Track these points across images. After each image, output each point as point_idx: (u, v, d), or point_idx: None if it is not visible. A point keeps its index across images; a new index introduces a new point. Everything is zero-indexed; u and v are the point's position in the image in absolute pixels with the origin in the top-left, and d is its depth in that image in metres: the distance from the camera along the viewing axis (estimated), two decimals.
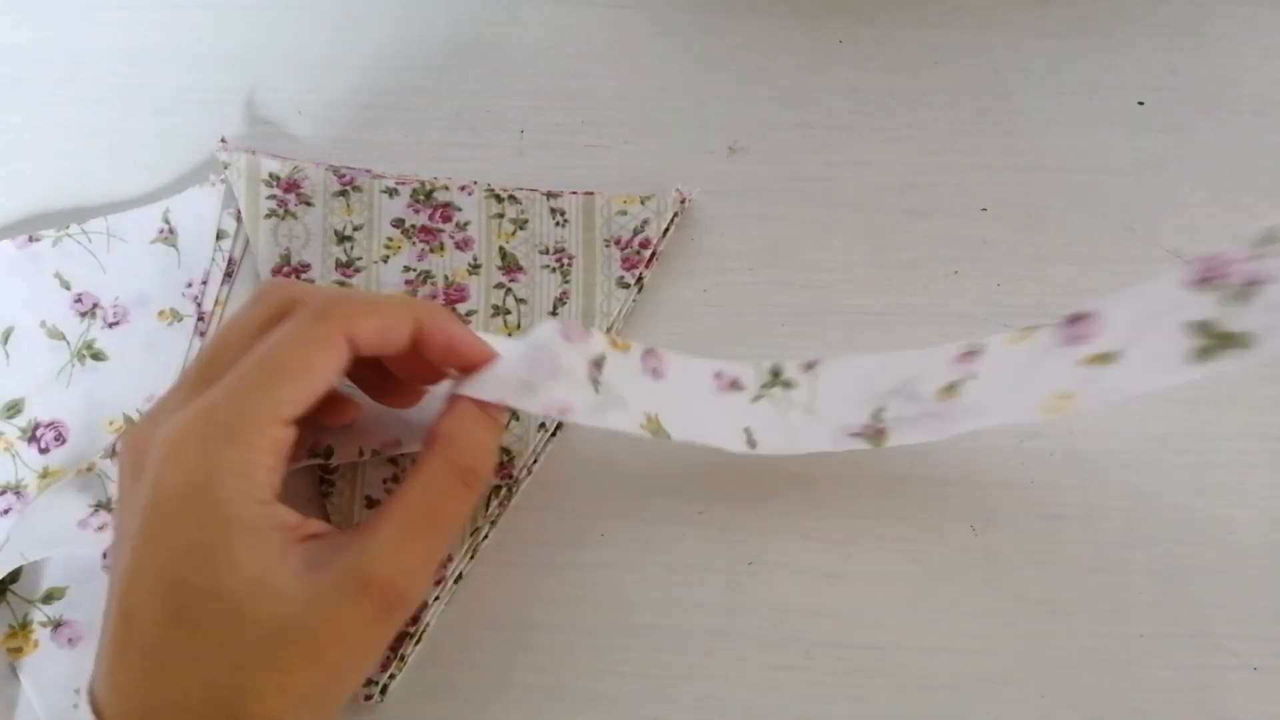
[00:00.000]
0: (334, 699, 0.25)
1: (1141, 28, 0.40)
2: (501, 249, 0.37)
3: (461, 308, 0.36)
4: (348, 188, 0.37)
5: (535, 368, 0.29)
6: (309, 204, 0.37)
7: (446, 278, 0.36)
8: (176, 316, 0.36)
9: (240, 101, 0.40)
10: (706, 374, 0.33)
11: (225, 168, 0.37)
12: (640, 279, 0.36)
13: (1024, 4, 0.41)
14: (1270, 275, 0.26)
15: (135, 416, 0.35)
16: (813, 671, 0.32)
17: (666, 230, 0.36)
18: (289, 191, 0.37)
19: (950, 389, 0.31)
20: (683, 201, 0.37)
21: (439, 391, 0.31)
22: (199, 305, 0.36)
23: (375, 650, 0.26)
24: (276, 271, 0.36)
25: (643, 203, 0.37)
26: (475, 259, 0.36)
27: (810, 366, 0.33)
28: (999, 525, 0.33)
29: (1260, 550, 0.33)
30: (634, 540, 0.34)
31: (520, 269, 0.36)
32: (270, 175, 0.37)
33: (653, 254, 0.36)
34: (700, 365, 0.33)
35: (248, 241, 0.37)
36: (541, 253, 0.36)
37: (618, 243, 0.36)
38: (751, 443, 0.32)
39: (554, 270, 0.36)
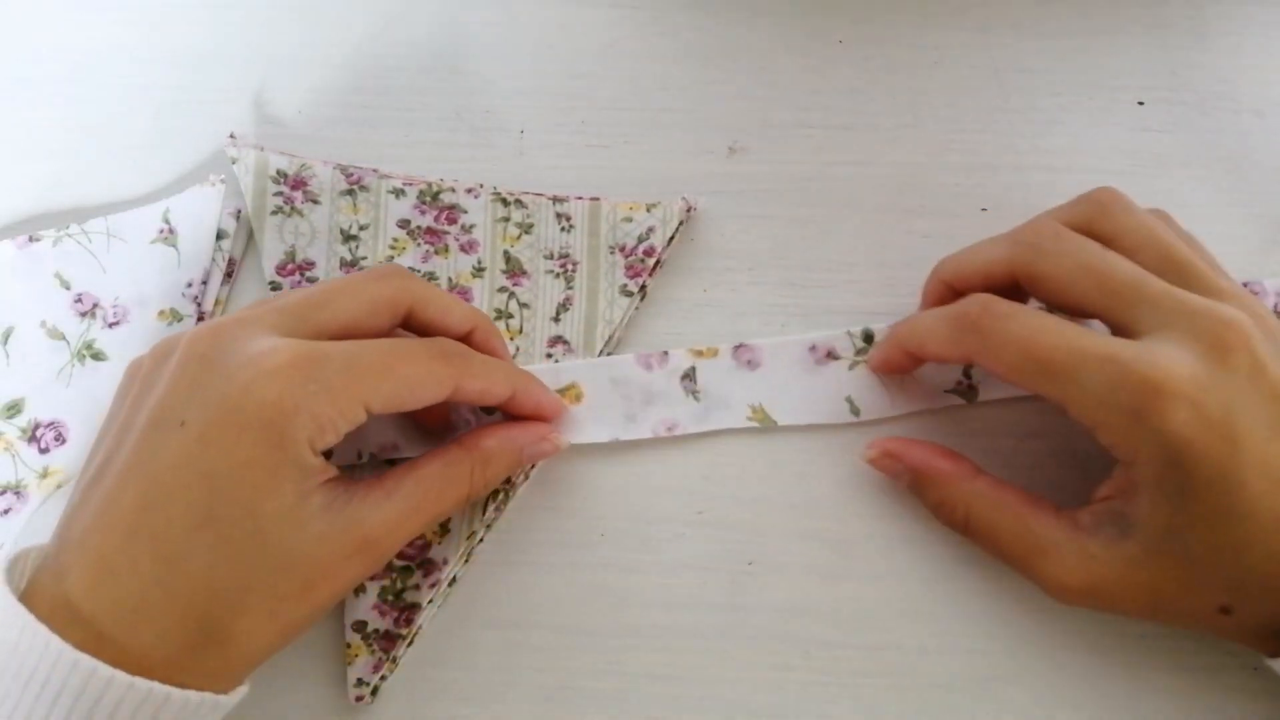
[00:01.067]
0: (302, 631, 0.27)
1: (1141, 28, 0.40)
2: (506, 253, 0.36)
3: None
4: (355, 187, 0.37)
5: (629, 400, 0.34)
6: (315, 202, 0.37)
7: (450, 280, 0.36)
8: (176, 317, 0.36)
9: (240, 101, 0.40)
10: (801, 349, 0.35)
11: (233, 163, 0.37)
12: (644, 287, 0.36)
13: (1024, 4, 0.41)
14: None
15: None
16: (813, 672, 0.32)
17: (671, 238, 0.36)
18: (296, 189, 0.37)
19: None
20: (688, 210, 0.37)
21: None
22: (199, 305, 0.36)
23: (344, 596, 0.29)
24: (281, 269, 0.36)
25: (648, 210, 0.37)
26: (479, 262, 0.36)
27: None
28: None
29: None
30: (634, 540, 0.34)
31: (524, 273, 0.36)
32: (278, 172, 0.37)
33: (657, 262, 0.36)
34: (793, 342, 0.35)
35: (248, 241, 0.37)
36: (546, 258, 0.36)
37: (622, 250, 0.36)
38: (855, 410, 0.34)
39: (558, 276, 0.36)
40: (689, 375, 0.34)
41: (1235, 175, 0.38)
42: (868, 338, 0.35)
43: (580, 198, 0.37)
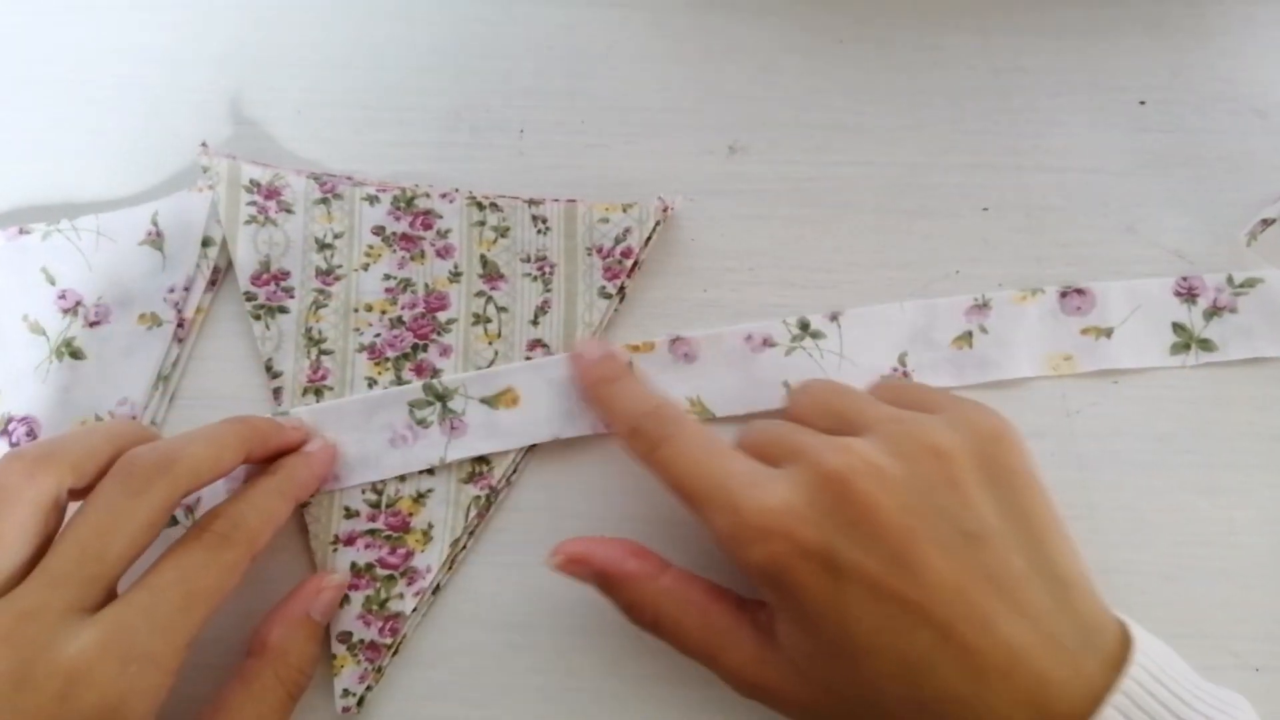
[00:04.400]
0: None
1: (1141, 28, 0.40)
2: (483, 257, 0.36)
3: (442, 316, 0.35)
4: (329, 195, 0.37)
5: (566, 398, 0.34)
6: (289, 211, 0.36)
7: (427, 285, 0.36)
8: (156, 321, 0.35)
9: (239, 101, 0.40)
10: (737, 339, 0.35)
11: (205, 172, 0.37)
12: (622, 288, 0.36)
13: (1024, 4, 0.41)
14: (1232, 307, 0.36)
15: (106, 418, 0.34)
16: None
17: (649, 239, 0.36)
18: (269, 198, 0.36)
19: (964, 338, 0.35)
20: (665, 210, 0.36)
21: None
22: (179, 311, 0.36)
23: None
24: (255, 279, 0.36)
25: (625, 210, 0.36)
26: (456, 267, 0.36)
27: (835, 317, 0.35)
28: None
29: (1261, 550, 0.33)
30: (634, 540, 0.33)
31: (501, 277, 0.36)
32: (251, 182, 0.36)
33: (635, 263, 0.36)
34: (730, 332, 0.35)
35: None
36: (523, 261, 0.36)
37: (599, 251, 0.36)
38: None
39: (535, 278, 0.36)
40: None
41: (1236, 175, 0.38)
42: (804, 325, 0.35)
43: (556, 200, 0.37)
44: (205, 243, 0.36)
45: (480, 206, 0.37)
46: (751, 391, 0.35)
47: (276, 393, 0.34)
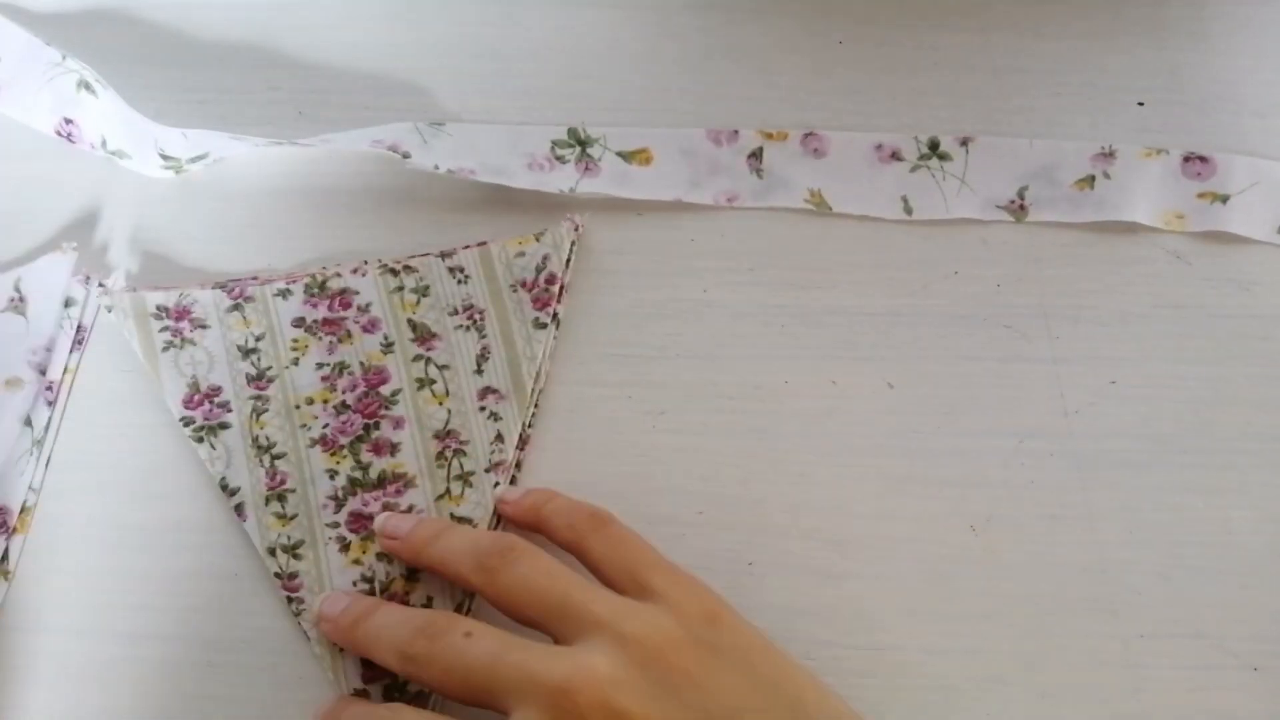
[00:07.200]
0: None
1: (1141, 28, 0.40)
2: (410, 321, 0.36)
3: (385, 389, 0.35)
4: (239, 300, 0.36)
5: (695, 170, 0.37)
6: (204, 326, 0.36)
7: (362, 364, 0.35)
8: (19, 384, 0.35)
9: (239, 102, 0.40)
10: (867, 146, 0.38)
11: (108, 311, 0.36)
12: (555, 315, 0.36)
13: (1024, 4, 0.41)
14: None
15: None
16: None
17: (568, 260, 0.36)
18: (180, 319, 0.35)
19: (1086, 181, 0.37)
20: (576, 229, 0.36)
21: None
22: (43, 373, 0.35)
23: None
24: (188, 402, 0.35)
25: (538, 240, 0.36)
26: (386, 338, 0.35)
27: (965, 142, 0.37)
28: (999, 525, 0.33)
29: (1260, 550, 0.33)
30: None
31: (434, 335, 0.35)
32: (158, 308, 0.36)
33: (561, 288, 0.36)
34: (860, 138, 0.38)
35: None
36: (451, 314, 0.36)
37: (524, 285, 0.36)
38: (908, 209, 0.37)
39: (468, 329, 0.36)
40: (755, 155, 0.37)
41: None
42: (934, 145, 0.37)
43: (468, 246, 0.37)
44: (67, 303, 0.36)
45: (394, 272, 0.36)
46: (870, 196, 0.37)
47: (238, 509, 0.33)
